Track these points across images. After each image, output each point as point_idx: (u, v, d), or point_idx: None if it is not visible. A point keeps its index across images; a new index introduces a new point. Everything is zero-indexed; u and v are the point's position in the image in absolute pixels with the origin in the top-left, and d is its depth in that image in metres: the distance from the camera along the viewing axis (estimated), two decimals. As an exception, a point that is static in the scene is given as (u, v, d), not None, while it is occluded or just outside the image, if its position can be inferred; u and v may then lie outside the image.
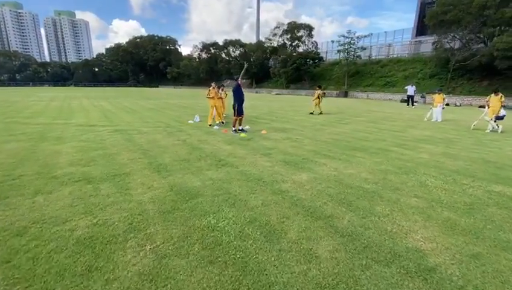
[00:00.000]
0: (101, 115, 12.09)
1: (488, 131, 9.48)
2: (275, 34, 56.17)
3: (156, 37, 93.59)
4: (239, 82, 8.14)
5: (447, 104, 27.21)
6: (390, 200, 3.58)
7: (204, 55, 77.24)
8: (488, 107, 9.65)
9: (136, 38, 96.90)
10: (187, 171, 4.58)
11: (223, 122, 9.93)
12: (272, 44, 57.39)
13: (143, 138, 7.25)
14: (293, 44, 54.25)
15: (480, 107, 24.88)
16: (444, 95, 12.33)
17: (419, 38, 46.68)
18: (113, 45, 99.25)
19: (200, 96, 31.47)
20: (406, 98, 31.23)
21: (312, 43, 53.43)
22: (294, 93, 46.46)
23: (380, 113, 15.16)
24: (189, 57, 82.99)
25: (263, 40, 59.44)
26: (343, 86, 42.18)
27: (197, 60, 78.84)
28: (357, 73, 43.12)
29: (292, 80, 50.20)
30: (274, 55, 55.55)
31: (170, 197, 3.50)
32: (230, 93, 8.98)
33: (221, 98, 9.91)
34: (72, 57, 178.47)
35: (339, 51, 41.66)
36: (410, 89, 20.73)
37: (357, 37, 40.13)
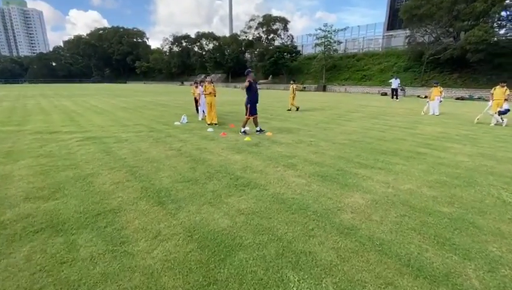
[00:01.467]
0: (65, 118, 10.09)
1: (493, 125, 9.23)
2: (250, 27, 54.62)
3: (122, 29, 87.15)
4: (246, 83, 6.97)
5: (425, 97, 28.20)
6: (493, 233, 2.67)
7: (175, 49, 73.39)
8: (492, 100, 9.38)
9: (98, 30, 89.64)
10: (201, 199, 3.33)
11: (216, 124, 8.61)
12: (247, 37, 55.78)
13: (125, 147, 5.75)
14: (269, 37, 53.21)
15: (457, 99, 25.89)
16: (442, 88, 12.05)
17: (391, 32, 48.17)
18: (72, 37, 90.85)
19: (176, 92, 29.27)
20: (385, 92, 31.97)
21: (288, 36, 52.86)
22: (273, 88, 45.64)
23: (373, 108, 14.70)
24: (159, 51, 78.47)
25: (238, 33, 57.58)
26: (321, 80, 42.15)
27: (168, 53, 74.77)
28: (334, 67, 43.27)
29: (270, 74, 49.30)
30: (250, 48, 54.14)
31: (195, 256, 2.26)
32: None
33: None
34: (24, 51, 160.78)
35: (316, 44, 41.40)
36: (395, 82, 20.75)
37: (334, 31, 40.08)
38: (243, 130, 7.25)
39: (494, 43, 26.30)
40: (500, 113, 9.09)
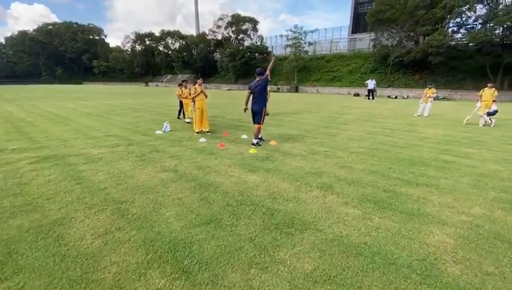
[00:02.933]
0: (10, 129, 8.07)
1: (481, 125, 9.38)
2: (219, 26, 53.19)
3: (75, 25, 79.32)
4: (268, 77, 5.96)
5: (396, 97, 29.42)
6: None
7: (138, 47, 68.93)
8: (481, 102, 9.53)
9: (47, 25, 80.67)
10: (241, 257, 2.28)
11: (208, 132, 7.45)
12: (216, 37, 54.29)
13: (101, 171, 4.38)
14: (239, 37, 52.31)
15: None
16: (435, 90, 12.10)
17: (355, 35, 50.26)
18: (15, 33, 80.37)
19: (144, 94, 26.86)
20: (357, 93, 32.97)
21: (258, 37, 52.38)
22: (245, 89, 44.74)
23: (358, 109, 14.55)
24: (120, 49, 73.01)
25: (206, 32, 55.69)
26: (292, 81, 42.36)
27: (129, 52, 69.87)
28: (304, 68, 43.83)
29: (241, 75, 48.32)
30: (220, 48, 52.64)
31: None
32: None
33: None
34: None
35: (288, 46, 41.48)
36: (371, 84, 21.17)
37: (304, 32, 40.50)
38: (255, 141, 6.14)
39: (452, 47, 28.46)
40: (489, 114, 9.25)
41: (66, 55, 76.07)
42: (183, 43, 60.02)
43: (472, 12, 26.68)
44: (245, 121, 9.70)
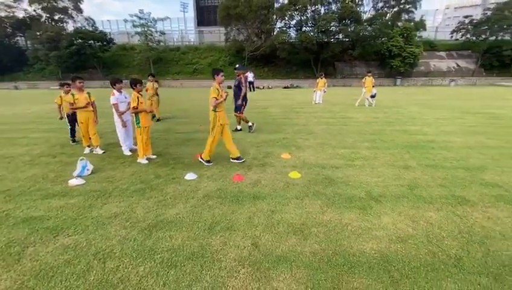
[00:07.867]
0: None
1: (366, 106, 11.88)
2: (16, 0, 37.14)
3: None
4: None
5: (260, 88, 32.22)
6: None
7: None
8: (365, 88, 11.93)
9: None
10: None
11: (154, 156, 4.62)
12: (15, 15, 37.86)
13: None
14: (55, 18, 39.13)
15: (284, 88, 31.57)
16: (325, 80, 13.78)
17: (202, 28, 50.88)
18: None
19: None
20: (230, 85, 33.54)
21: (86, 20, 41.04)
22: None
23: (266, 102, 14.53)
24: None
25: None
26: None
27: None
28: (160, 60, 39.65)
29: (71, 68, 36.20)
30: (26, 30, 37.16)
31: None
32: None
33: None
34: None
35: (137, 33, 35.50)
36: (250, 76, 21.95)
37: (153, 19, 36.02)
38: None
39: (289, 44, 34.63)
40: (372, 96, 11.82)
41: None
42: None
43: (297, 16, 33.45)
44: (175, 130, 7.11)
